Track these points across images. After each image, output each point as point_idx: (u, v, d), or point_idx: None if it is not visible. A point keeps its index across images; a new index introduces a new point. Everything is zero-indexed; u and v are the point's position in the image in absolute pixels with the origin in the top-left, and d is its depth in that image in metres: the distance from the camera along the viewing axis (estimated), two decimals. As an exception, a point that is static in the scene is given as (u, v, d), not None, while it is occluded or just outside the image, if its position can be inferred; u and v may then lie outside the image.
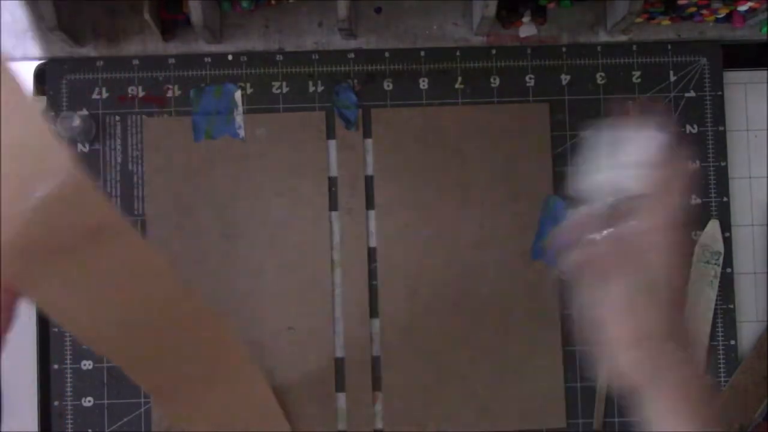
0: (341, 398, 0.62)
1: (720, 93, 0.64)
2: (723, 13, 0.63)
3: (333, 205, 0.63)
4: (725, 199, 0.64)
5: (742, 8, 0.62)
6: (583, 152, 0.41)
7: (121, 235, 0.37)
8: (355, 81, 0.64)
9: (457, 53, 0.64)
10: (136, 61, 0.63)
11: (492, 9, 0.59)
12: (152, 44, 0.64)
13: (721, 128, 0.64)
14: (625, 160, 0.40)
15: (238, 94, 0.63)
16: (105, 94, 0.63)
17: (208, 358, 0.48)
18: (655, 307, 0.40)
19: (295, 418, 0.61)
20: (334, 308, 0.62)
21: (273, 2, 0.63)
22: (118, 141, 0.63)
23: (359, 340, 0.62)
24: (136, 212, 0.62)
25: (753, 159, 0.65)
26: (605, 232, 0.41)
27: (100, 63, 0.63)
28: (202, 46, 0.64)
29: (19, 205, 0.33)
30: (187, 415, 0.51)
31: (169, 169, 0.63)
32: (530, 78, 0.64)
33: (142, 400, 0.61)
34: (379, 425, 0.62)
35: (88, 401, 0.61)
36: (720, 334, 0.63)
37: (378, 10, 0.65)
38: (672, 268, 0.40)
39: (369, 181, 0.63)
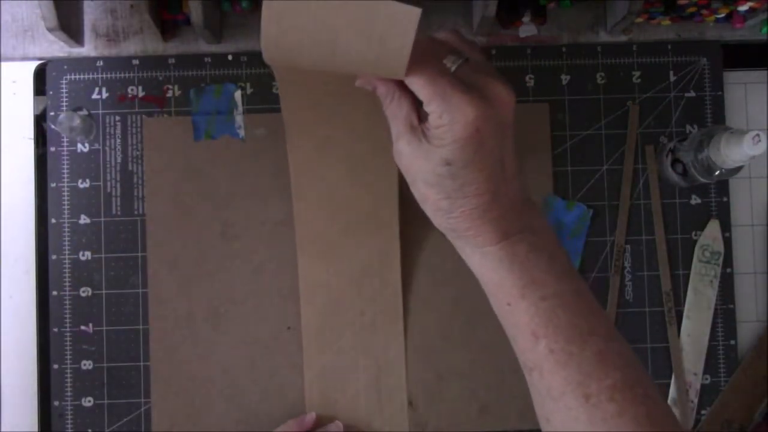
0: (341, 398, 0.62)
1: (720, 93, 0.64)
2: (723, 13, 0.63)
3: (333, 205, 0.63)
4: (725, 199, 0.64)
5: (742, 8, 0.62)
6: None
7: None
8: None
9: (457, 53, 0.64)
10: (136, 61, 0.63)
11: (492, 9, 0.59)
12: (152, 44, 0.64)
13: (721, 128, 0.64)
14: None
15: (238, 94, 0.63)
16: (105, 94, 0.63)
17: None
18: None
19: (295, 417, 0.61)
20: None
21: (273, 2, 0.63)
22: (118, 141, 0.63)
23: (359, 340, 0.62)
24: (136, 212, 0.62)
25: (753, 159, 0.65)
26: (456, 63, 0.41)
27: (100, 63, 0.63)
28: (202, 46, 0.64)
29: None
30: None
31: (169, 169, 0.63)
32: (530, 78, 0.64)
33: (142, 400, 0.61)
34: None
35: (88, 401, 0.61)
36: (720, 334, 0.63)
37: (378, 10, 0.65)
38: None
39: (369, 181, 0.63)
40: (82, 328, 0.62)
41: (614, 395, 0.40)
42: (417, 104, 0.42)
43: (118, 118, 0.63)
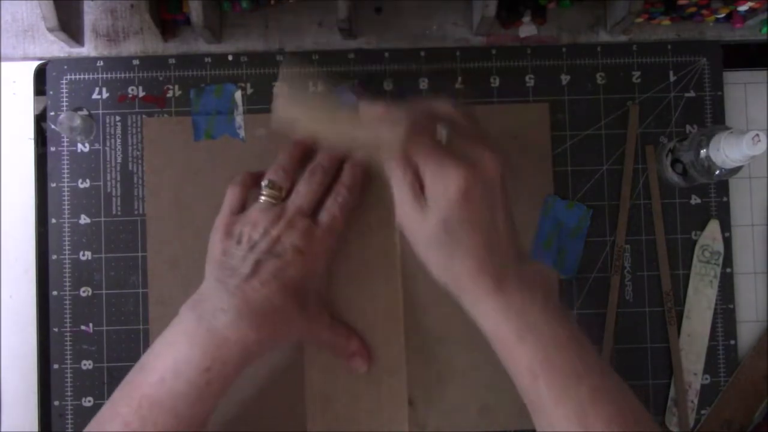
0: (341, 398, 0.62)
1: (720, 93, 0.64)
2: (723, 13, 0.63)
3: (333, 205, 0.63)
4: (725, 199, 0.64)
5: (742, 8, 0.62)
6: None
7: None
8: (355, 81, 0.64)
9: (457, 53, 0.64)
10: (136, 61, 0.63)
11: (492, 9, 0.59)
12: (152, 44, 0.64)
13: (721, 128, 0.64)
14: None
15: (238, 94, 0.63)
16: (105, 94, 0.63)
17: None
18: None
19: (295, 417, 0.61)
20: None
21: (273, 2, 0.63)
22: (118, 141, 0.63)
23: (359, 340, 0.62)
24: (136, 212, 0.62)
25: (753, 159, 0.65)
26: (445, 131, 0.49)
27: (100, 63, 0.63)
28: (202, 46, 0.64)
29: None
30: None
31: (169, 169, 0.63)
32: (530, 78, 0.64)
33: (142, 400, 0.61)
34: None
35: (88, 401, 0.62)
36: (720, 334, 0.63)
37: (378, 10, 0.65)
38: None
39: (369, 181, 0.63)
40: (82, 328, 0.62)
41: (612, 427, 0.43)
42: (419, 175, 0.49)
43: (118, 118, 0.63)
